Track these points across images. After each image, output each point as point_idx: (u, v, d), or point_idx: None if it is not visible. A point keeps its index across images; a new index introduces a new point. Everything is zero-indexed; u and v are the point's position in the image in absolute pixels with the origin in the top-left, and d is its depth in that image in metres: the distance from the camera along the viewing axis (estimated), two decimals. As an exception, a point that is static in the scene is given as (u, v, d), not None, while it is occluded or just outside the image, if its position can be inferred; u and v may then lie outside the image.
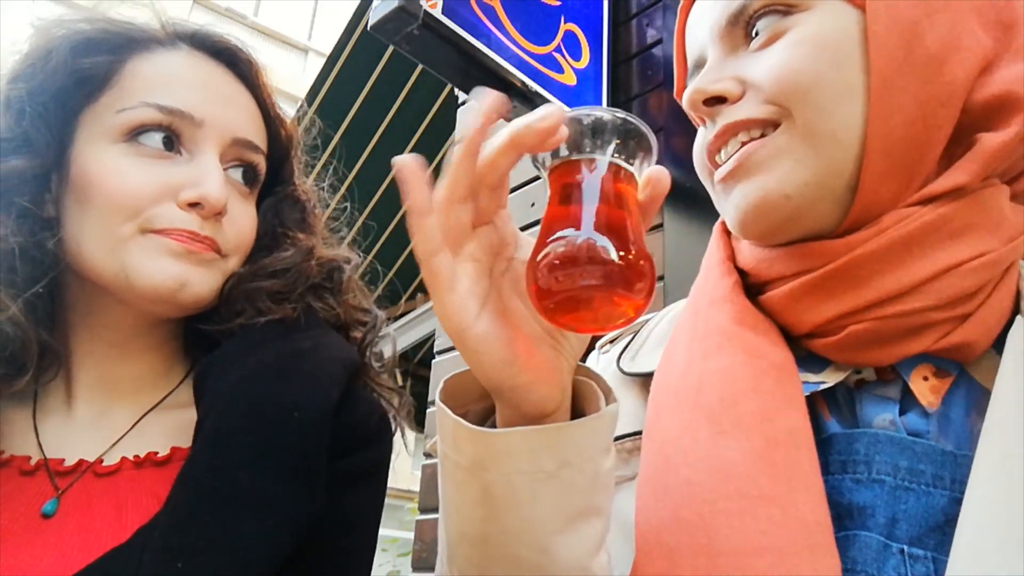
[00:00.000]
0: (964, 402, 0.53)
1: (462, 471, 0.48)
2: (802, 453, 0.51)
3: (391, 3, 1.49)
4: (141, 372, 0.72)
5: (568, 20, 1.91)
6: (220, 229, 0.69)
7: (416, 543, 1.99)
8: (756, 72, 0.57)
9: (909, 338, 0.53)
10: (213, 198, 0.66)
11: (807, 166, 0.55)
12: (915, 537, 0.49)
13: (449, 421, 0.48)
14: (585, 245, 0.42)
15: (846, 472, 0.52)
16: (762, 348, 0.56)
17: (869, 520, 0.50)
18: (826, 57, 0.54)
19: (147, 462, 0.66)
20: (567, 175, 0.47)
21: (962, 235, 0.53)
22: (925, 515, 0.49)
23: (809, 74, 0.54)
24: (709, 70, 0.60)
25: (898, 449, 0.51)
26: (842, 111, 0.54)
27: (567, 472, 0.47)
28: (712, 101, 0.59)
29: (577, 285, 0.42)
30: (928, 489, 0.50)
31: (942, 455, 0.51)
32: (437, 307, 0.45)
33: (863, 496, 0.51)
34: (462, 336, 0.46)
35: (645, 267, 0.43)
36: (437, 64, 1.64)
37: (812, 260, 0.56)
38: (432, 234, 0.44)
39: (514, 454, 0.46)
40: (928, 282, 0.52)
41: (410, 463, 15.52)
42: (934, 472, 0.50)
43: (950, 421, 0.52)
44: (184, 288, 0.66)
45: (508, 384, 0.47)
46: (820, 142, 0.54)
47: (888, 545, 0.49)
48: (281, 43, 14.08)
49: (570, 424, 0.48)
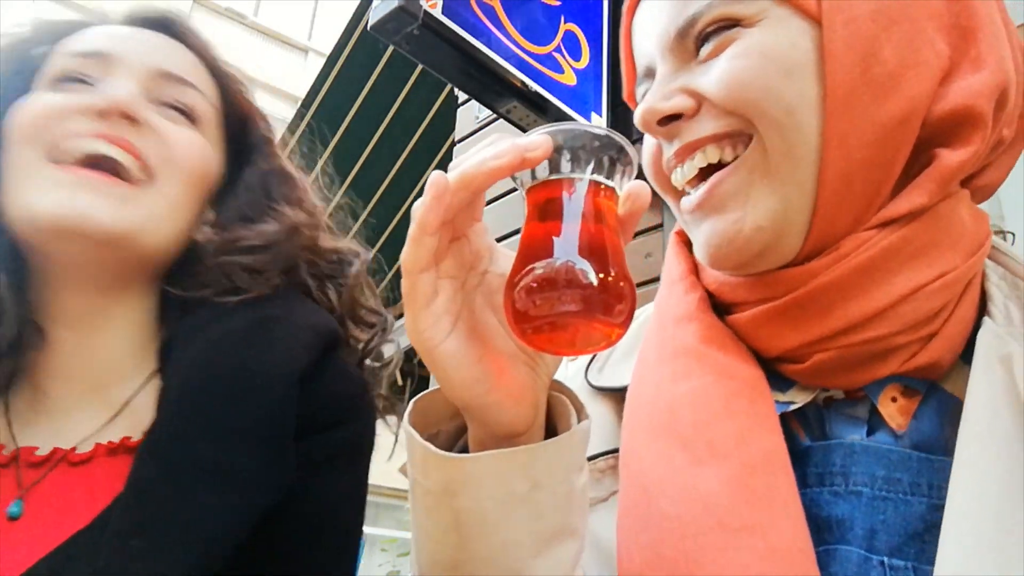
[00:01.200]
0: (935, 414, 0.52)
1: (432, 497, 0.47)
2: (779, 477, 0.50)
3: (391, 3, 1.49)
4: (108, 355, 0.68)
5: (568, 20, 1.92)
6: (139, 136, 0.65)
7: (416, 543, 1.98)
8: (706, 83, 0.55)
9: (875, 363, 0.53)
10: (114, 97, 0.63)
11: (774, 191, 0.53)
12: (895, 547, 0.48)
13: (417, 446, 0.47)
14: (564, 268, 0.42)
15: (823, 485, 0.52)
16: (731, 367, 0.55)
17: (848, 533, 0.50)
18: (773, 67, 0.52)
19: (121, 448, 0.64)
20: (545, 194, 0.46)
21: (923, 255, 0.52)
22: (904, 524, 0.49)
23: (758, 83, 0.52)
24: (659, 85, 0.57)
25: (874, 459, 0.51)
26: (797, 123, 0.52)
27: (539, 494, 0.46)
28: (666, 120, 0.56)
29: (555, 310, 0.41)
30: (906, 497, 0.49)
31: (918, 461, 0.50)
32: (409, 322, 0.45)
33: (841, 509, 0.50)
34: (432, 353, 0.45)
35: (625, 289, 0.43)
36: (437, 64, 1.64)
37: (773, 288, 0.55)
38: (429, 252, 0.44)
39: (484, 478, 0.46)
40: (892, 307, 0.51)
41: (410, 463, 15.46)
42: (911, 480, 0.50)
43: (921, 434, 0.52)
44: (85, 217, 0.61)
45: (477, 403, 0.46)
46: (781, 162, 0.52)
47: (868, 558, 0.48)
48: (281, 43, 14.08)
49: (541, 445, 0.47)
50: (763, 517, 0.48)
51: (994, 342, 0.51)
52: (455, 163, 0.45)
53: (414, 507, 0.50)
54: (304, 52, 14.26)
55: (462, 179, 0.43)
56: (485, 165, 0.43)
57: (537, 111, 1.76)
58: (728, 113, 0.54)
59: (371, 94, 3.04)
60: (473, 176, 0.43)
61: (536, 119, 1.78)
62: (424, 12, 1.50)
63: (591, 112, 1.89)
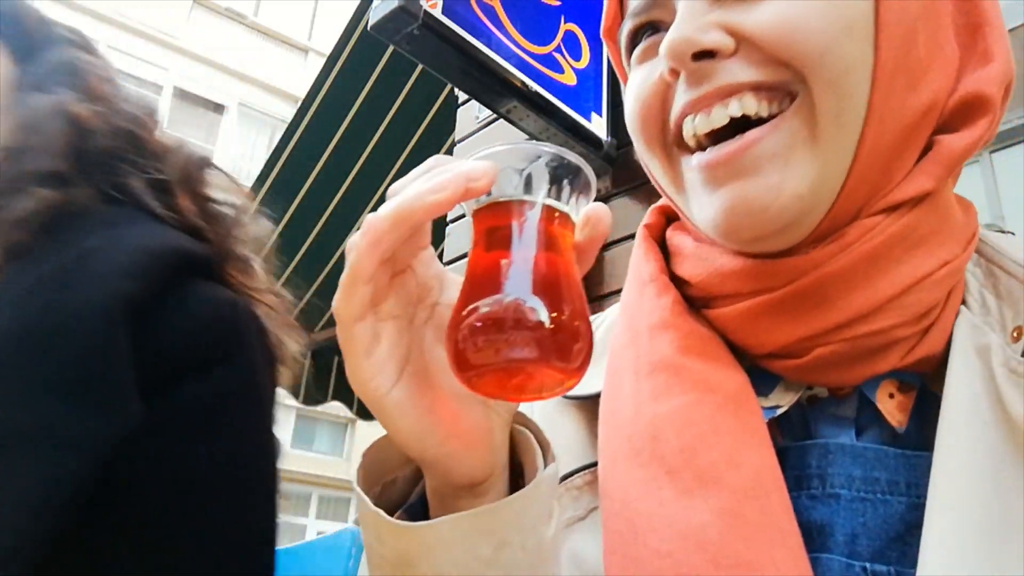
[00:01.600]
0: (925, 404, 0.51)
1: (388, 565, 0.43)
2: (773, 499, 0.47)
3: (391, 3, 1.49)
4: None
5: (568, 20, 1.92)
6: None
7: (416, 543, 1.98)
8: (751, 23, 0.47)
9: (876, 357, 0.50)
10: None
11: (816, 157, 0.48)
12: (876, 551, 0.47)
13: (369, 513, 0.42)
14: (512, 306, 0.37)
15: (801, 488, 0.49)
16: (714, 379, 0.51)
17: (829, 540, 0.48)
18: (836, 18, 0.46)
19: None
20: (493, 220, 0.41)
21: (926, 243, 0.49)
22: (884, 527, 0.47)
23: (818, 32, 0.46)
24: (689, 14, 0.49)
25: (850, 458, 0.49)
26: (852, 86, 0.47)
27: (507, 552, 0.42)
28: (700, 56, 0.48)
29: (503, 355, 0.37)
30: (885, 497, 0.48)
31: (895, 458, 0.48)
32: (349, 372, 0.41)
33: (820, 513, 0.49)
34: (378, 405, 0.41)
35: (581, 329, 0.38)
36: (437, 64, 1.64)
37: (770, 279, 0.51)
38: (363, 300, 0.39)
39: (445, 545, 0.41)
40: (897, 298, 0.48)
41: (410, 463, 15.42)
42: (889, 478, 0.48)
43: (907, 434, 0.50)
44: None
45: (430, 455, 0.42)
46: (828, 127, 0.48)
47: (851, 565, 0.47)
48: (281, 43, 14.09)
49: (505, 502, 0.42)
50: (759, 551, 0.45)
51: (971, 332, 0.49)
52: (392, 190, 0.41)
53: (371, 572, 0.45)
54: (304, 52, 14.26)
55: (398, 216, 0.38)
56: (424, 199, 0.38)
57: (537, 111, 1.76)
58: (773, 61, 0.47)
59: (371, 94, 3.04)
60: (411, 212, 0.38)
61: (536, 119, 1.78)
62: (424, 12, 1.50)
63: (591, 112, 1.90)
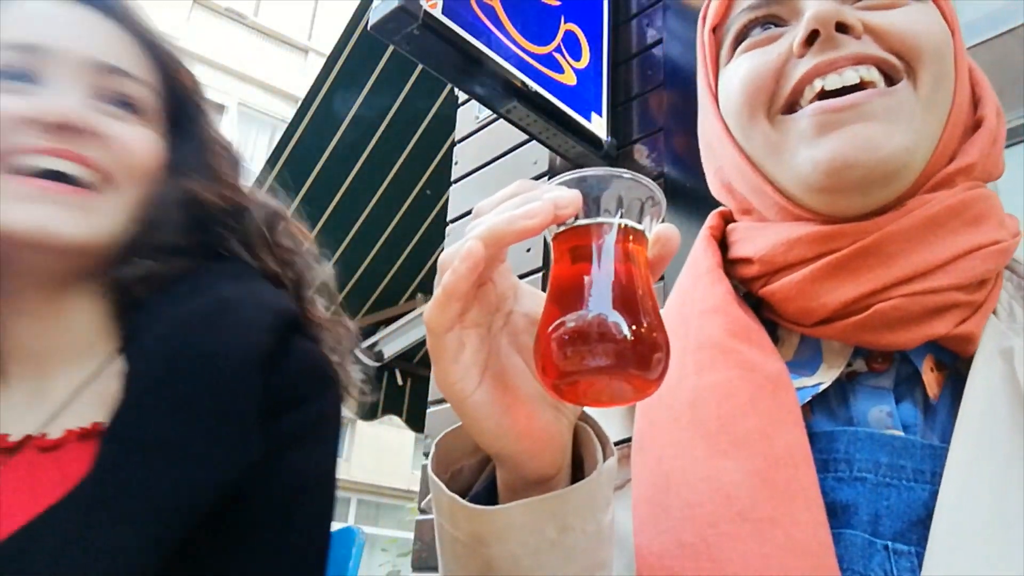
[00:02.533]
0: (950, 396, 0.54)
1: (461, 546, 0.47)
2: (801, 471, 0.50)
3: (391, 3, 1.49)
4: (69, 340, 0.70)
5: (568, 20, 1.91)
6: (94, 147, 0.65)
7: (416, 543, 1.98)
8: (882, 22, 0.58)
9: (933, 318, 0.54)
10: (61, 111, 0.64)
11: (918, 129, 0.57)
12: (898, 532, 0.50)
13: (444, 498, 0.47)
14: (596, 321, 0.41)
15: (828, 471, 0.53)
16: (756, 361, 0.56)
17: (853, 518, 0.51)
18: (939, 32, 0.59)
19: (92, 433, 0.64)
20: (575, 241, 0.45)
21: (979, 222, 0.56)
22: (907, 510, 0.50)
23: (934, 42, 0.58)
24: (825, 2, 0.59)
25: (878, 446, 0.52)
26: (946, 86, 0.58)
27: (570, 536, 0.46)
28: (841, 28, 0.57)
29: (588, 365, 0.40)
30: (910, 484, 0.51)
31: (922, 449, 0.51)
32: (438, 376, 0.45)
33: (845, 494, 0.52)
34: (463, 406, 0.45)
35: (659, 340, 0.42)
36: (437, 64, 1.64)
37: (837, 241, 0.56)
38: (455, 314, 0.43)
39: (515, 528, 0.46)
40: (953, 261, 0.54)
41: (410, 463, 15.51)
42: (915, 467, 0.51)
43: (936, 413, 0.54)
44: (47, 232, 0.63)
45: (506, 452, 0.47)
46: (931, 109, 0.57)
47: (873, 542, 0.50)
48: (281, 43, 14.08)
49: (570, 490, 0.46)
50: (784, 510, 0.49)
51: (997, 336, 0.53)
52: (479, 210, 0.45)
53: (443, 552, 0.50)
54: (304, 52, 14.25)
55: (492, 239, 0.42)
56: (515, 224, 0.42)
57: (537, 111, 1.76)
58: (891, 50, 0.57)
59: (371, 94, 3.04)
60: (503, 235, 0.42)
61: (536, 119, 1.78)
62: (424, 12, 1.50)
63: (591, 112, 1.89)
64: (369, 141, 3.15)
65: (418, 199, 3.44)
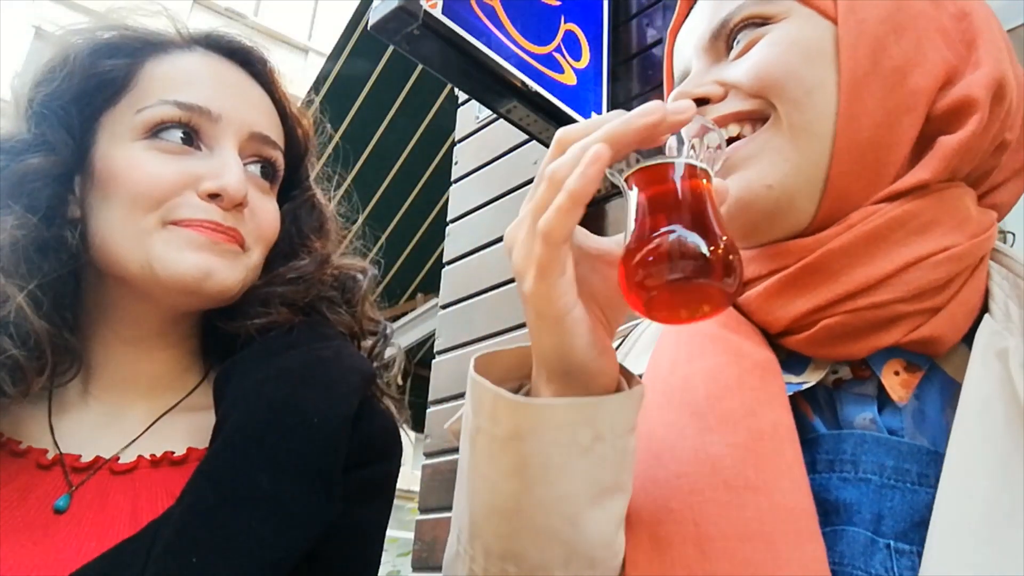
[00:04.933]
0: (938, 398, 0.55)
1: (498, 443, 0.49)
2: (785, 445, 0.52)
3: (391, 3, 1.49)
4: (158, 371, 0.73)
5: (568, 20, 1.91)
6: (242, 220, 0.70)
7: (416, 543, 1.98)
8: (735, 74, 0.61)
9: (880, 330, 0.55)
10: (232, 188, 0.67)
11: (787, 158, 0.58)
12: (900, 532, 0.50)
13: (489, 393, 0.50)
14: (677, 242, 0.45)
15: (833, 471, 0.53)
16: (745, 349, 0.58)
17: (855, 516, 0.51)
18: (797, 53, 0.59)
19: (164, 461, 0.67)
20: (648, 179, 0.49)
21: (927, 230, 0.55)
22: (910, 511, 0.51)
23: (782, 66, 0.59)
24: (693, 78, 0.64)
25: (884, 449, 0.53)
26: (815, 102, 0.58)
27: (600, 447, 0.49)
28: (700, 101, 0.61)
29: (674, 278, 0.45)
30: (914, 487, 0.51)
31: (927, 454, 0.52)
32: (543, 289, 0.46)
33: (849, 494, 0.52)
34: (562, 319, 0.47)
35: (735, 261, 0.46)
36: (437, 64, 1.64)
37: (785, 258, 0.58)
38: (575, 222, 0.46)
39: (552, 425, 0.48)
40: (896, 275, 0.54)
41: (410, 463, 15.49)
42: (919, 471, 0.52)
43: (925, 416, 0.54)
44: (209, 278, 0.66)
45: (590, 365, 0.49)
46: (797, 135, 0.58)
47: (875, 540, 0.50)
48: (281, 43, 14.08)
49: (608, 398, 0.49)
50: (767, 478, 0.51)
51: (992, 337, 0.53)
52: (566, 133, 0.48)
53: (473, 458, 0.51)
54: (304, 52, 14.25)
55: (614, 138, 0.45)
56: (636, 122, 0.45)
57: (537, 111, 1.76)
58: (752, 96, 0.60)
59: (371, 94, 3.04)
60: (624, 134, 0.45)
61: (536, 119, 1.78)
62: (424, 12, 1.50)
63: (591, 112, 1.89)
64: (369, 141, 3.16)
65: (418, 199, 3.44)
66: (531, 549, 0.49)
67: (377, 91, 3.03)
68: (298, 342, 0.71)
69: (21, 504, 0.62)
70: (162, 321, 0.72)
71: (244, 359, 0.69)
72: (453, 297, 2.17)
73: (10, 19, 9.91)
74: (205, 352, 0.77)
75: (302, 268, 0.75)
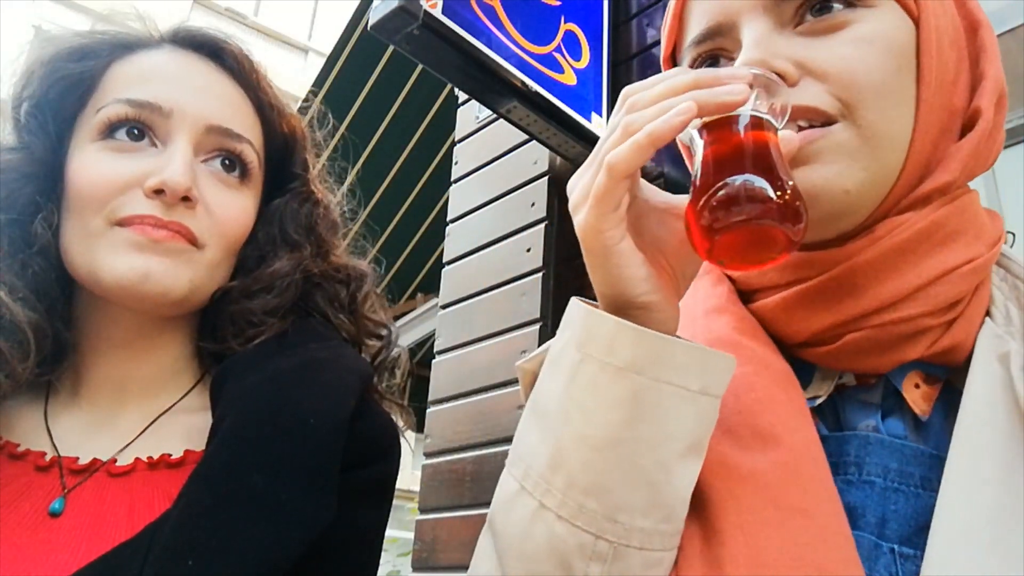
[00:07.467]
0: (942, 406, 0.54)
1: (609, 372, 0.49)
2: (819, 466, 0.51)
3: (391, 3, 1.49)
4: (150, 373, 0.72)
5: (568, 20, 1.91)
6: (192, 216, 0.67)
7: (416, 543, 1.98)
8: (819, 59, 0.54)
9: (905, 345, 0.54)
10: (173, 181, 0.65)
11: (865, 166, 0.54)
12: (905, 536, 0.50)
13: (608, 322, 0.50)
14: (743, 187, 0.46)
15: (837, 473, 0.53)
16: (767, 358, 0.57)
17: (860, 520, 0.51)
18: (892, 61, 0.54)
19: (161, 464, 0.67)
20: (717, 129, 0.50)
21: (952, 241, 0.54)
22: (914, 515, 0.50)
23: (878, 75, 0.54)
24: (758, 43, 0.55)
25: (888, 452, 0.52)
26: (898, 115, 0.54)
27: (703, 399, 0.49)
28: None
29: (739, 219, 0.46)
30: (917, 491, 0.51)
31: (931, 458, 0.52)
32: (590, 222, 0.48)
33: (854, 496, 0.52)
34: (609, 250, 0.49)
35: (800, 207, 0.47)
36: (437, 64, 1.64)
37: (807, 269, 0.56)
38: (645, 161, 0.47)
39: (669, 364, 0.49)
40: (923, 288, 0.53)
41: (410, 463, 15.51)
42: (923, 474, 0.51)
43: (930, 424, 0.54)
44: (147, 280, 0.64)
45: (642, 300, 0.50)
46: (879, 144, 0.54)
47: (879, 544, 0.50)
48: (281, 43, 14.07)
49: (716, 353, 0.50)
50: (811, 502, 0.49)
51: (993, 341, 0.53)
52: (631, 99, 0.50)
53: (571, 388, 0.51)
54: (304, 52, 14.24)
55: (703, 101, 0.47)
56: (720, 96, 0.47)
57: (537, 111, 1.76)
58: (833, 95, 0.54)
59: (371, 94, 3.04)
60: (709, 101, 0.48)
61: (536, 119, 1.78)
62: (424, 12, 1.50)
63: (591, 112, 1.89)
64: (369, 141, 3.16)
65: (418, 199, 3.44)
66: (620, 486, 0.48)
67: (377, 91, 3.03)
68: (295, 343, 0.70)
69: (18, 507, 0.62)
70: (142, 324, 0.70)
71: (240, 361, 0.69)
72: (453, 297, 2.17)
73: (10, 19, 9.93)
74: (201, 353, 0.76)
75: (276, 271, 0.73)
